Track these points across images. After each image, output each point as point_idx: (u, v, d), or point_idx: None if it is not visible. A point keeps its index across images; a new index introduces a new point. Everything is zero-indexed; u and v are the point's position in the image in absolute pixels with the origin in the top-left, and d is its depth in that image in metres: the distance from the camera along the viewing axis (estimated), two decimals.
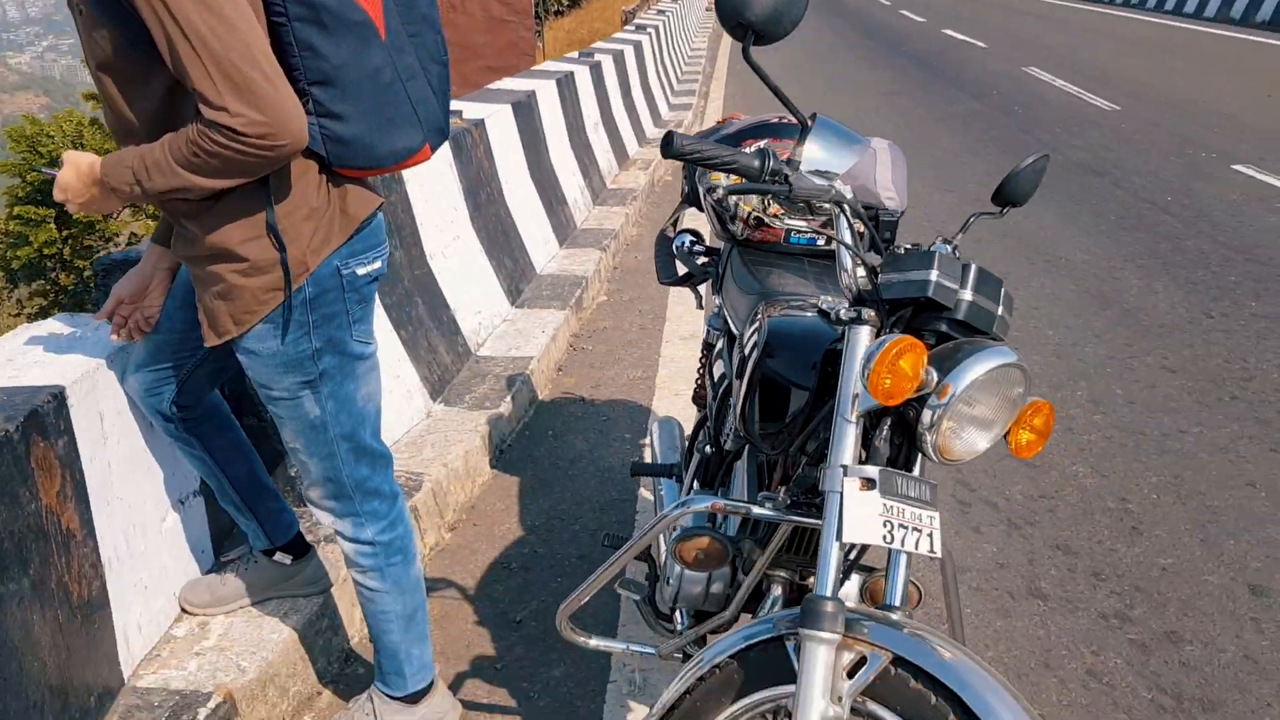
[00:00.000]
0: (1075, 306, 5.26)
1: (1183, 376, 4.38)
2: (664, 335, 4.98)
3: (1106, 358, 4.60)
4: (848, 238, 1.70)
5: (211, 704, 2.24)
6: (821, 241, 2.46)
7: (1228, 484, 3.49)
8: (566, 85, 7.26)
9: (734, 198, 2.55)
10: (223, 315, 1.88)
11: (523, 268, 5.27)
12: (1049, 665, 2.62)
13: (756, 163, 1.61)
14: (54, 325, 2.39)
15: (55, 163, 1.86)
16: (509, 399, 3.94)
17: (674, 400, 4.18)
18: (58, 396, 2.06)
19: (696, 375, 2.85)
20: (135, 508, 2.36)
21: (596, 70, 8.43)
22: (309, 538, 2.66)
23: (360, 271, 1.97)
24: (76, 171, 1.78)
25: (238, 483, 2.42)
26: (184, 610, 2.52)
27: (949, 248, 1.81)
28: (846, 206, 1.71)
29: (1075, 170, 8.45)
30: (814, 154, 2.36)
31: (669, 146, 1.56)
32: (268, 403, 2.03)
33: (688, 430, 2.86)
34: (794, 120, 2.58)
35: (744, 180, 1.63)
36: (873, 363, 1.49)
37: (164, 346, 2.17)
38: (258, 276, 1.85)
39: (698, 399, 2.85)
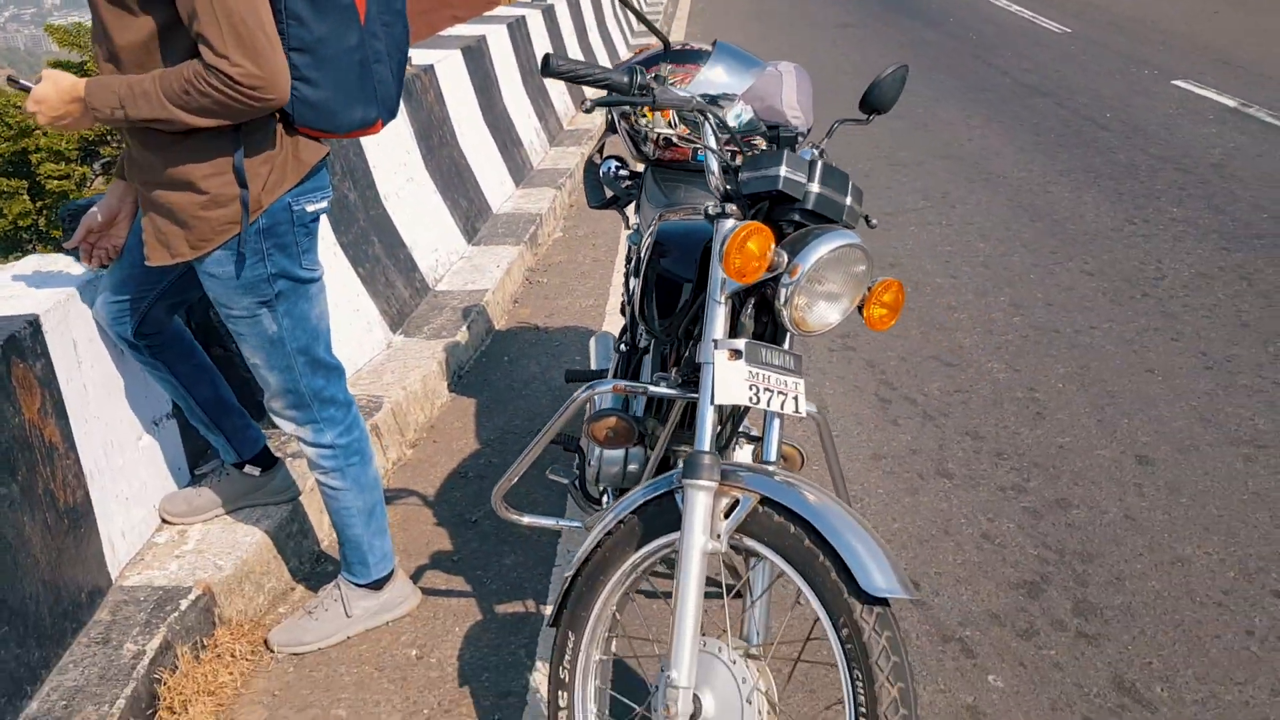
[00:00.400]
0: (1007, 219, 5.52)
1: (1100, 279, 4.65)
2: (616, 265, 5.22)
3: (1031, 265, 4.87)
4: (712, 143, 1.95)
5: (192, 596, 2.50)
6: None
7: (1129, 371, 3.78)
8: (518, 29, 7.41)
9: (644, 121, 2.79)
10: (178, 240, 2.11)
11: (478, 207, 5.48)
12: (948, 532, 2.91)
13: (625, 79, 1.84)
14: (28, 264, 2.62)
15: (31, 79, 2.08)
16: (465, 329, 4.19)
17: (622, 323, 4.43)
18: (33, 323, 2.31)
19: (622, 288, 3.11)
20: (112, 426, 2.61)
21: (549, 13, 8.57)
22: (276, 452, 2.91)
23: (309, 209, 2.23)
24: (56, 87, 2.00)
25: (204, 402, 2.67)
26: (164, 520, 2.78)
27: (815, 152, 2.06)
28: (710, 115, 1.95)
29: (1022, 92, 8.66)
30: (717, 77, 2.61)
31: (546, 67, 1.80)
32: (229, 321, 2.27)
33: None
34: (694, 47, 2.83)
35: (614, 93, 1.86)
36: (725, 246, 1.74)
37: (128, 279, 2.41)
38: (215, 210, 2.09)
39: (623, 310, 3.10)
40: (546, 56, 1.81)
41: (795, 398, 1.90)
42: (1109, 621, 2.53)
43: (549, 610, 2.68)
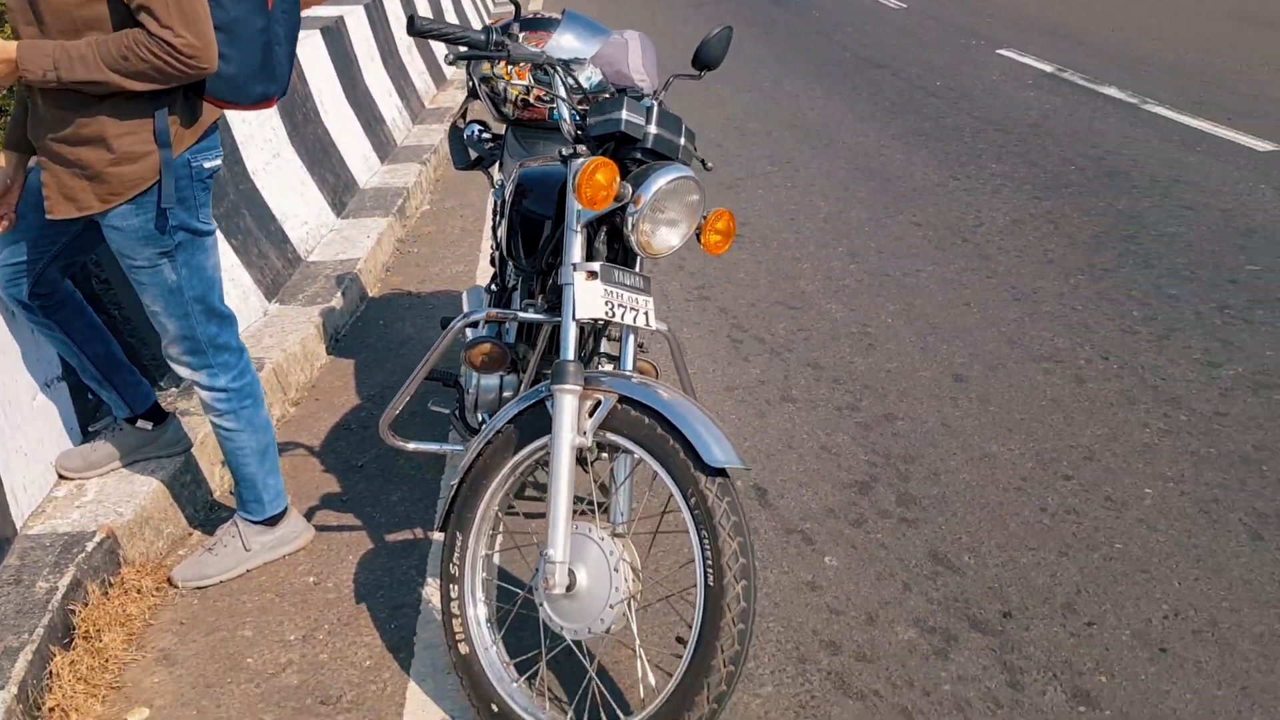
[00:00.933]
0: (845, 180, 5.97)
1: (926, 228, 5.12)
2: (484, 234, 5.45)
3: (866, 219, 5.31)
4: (562, 93, 2.23)
5: (97, 539, 2.66)
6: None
7: (948, 306, 4.24)
8: (375, 10, 7.53)
9: (503, 84, 3.05)
10: (86, 194, 2.28)
11: (345, 182, 5.63)
12: (791, 446, 3.27)
13: (482, 37, 2.11)
14: None
15: None
16: (340, 295, 4.37)
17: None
18: None
19: (490, 241, 3.37)
20: (7, 386, 2.74)
21: None
22: (166, 408, 3.07)
23: (206, 165, 2.45)
24: None
25: (96, 359, 2.82)
26: (61, 476, 2.92)
27: (653, 102, 2.36)
28: (559, 68, 2.23)
29: (861, 65, 9.19)
30: (567, 43, 2.90)
31: (411, 26, 2.05)
32: (130, 272, 2.45)
33: None
34: (546, 15, 3.10)
35: (472, 49, 2.12)
36: (577, 179, 2.03)
37: (22, 243, 2.55)
38: (125, 165, 2.27)
39: (492, 261, 3.36)
40: (411, 16, 2.06)
41: (646, 313, 2.21)
42: (926, 509, 2.93)
43: (437, 534, 2.93)
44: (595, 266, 2.14)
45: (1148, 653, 2.38)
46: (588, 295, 2.13)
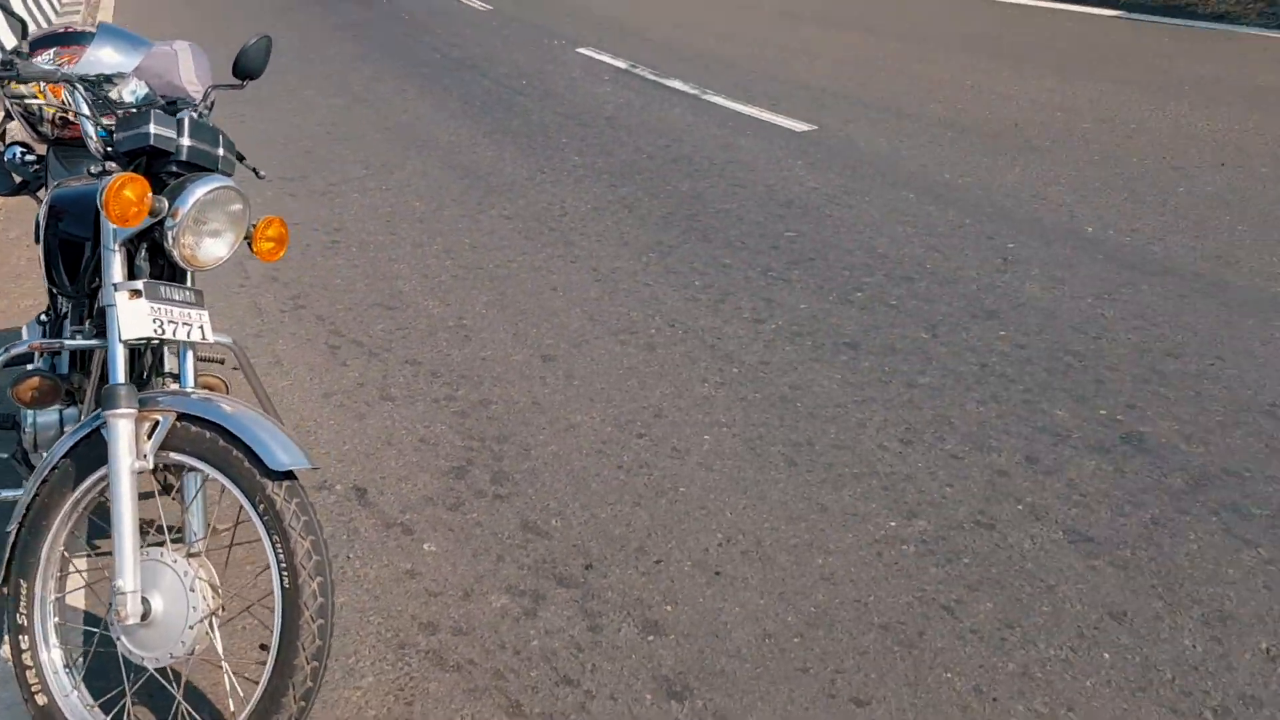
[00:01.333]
0: (440, 179, 6.11)
1: (516, 220, 5.37)
2: None
3: (460, 216, 5.48)
4: (85, 110, 2.18)
5: None
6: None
7: (537, 292, 4.49)
8: None
9: (35, 103, 2.88)
10: None
11: None
12: (390, 443, 3.37)
13: None
14: None
15: None
16: None
17: None
18: None
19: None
20: None
21: None
22: None
23: None
24: None
25: None
26: None
27: (193, 114, 2.35)
28: (78, 85, 2.17)
29: (451, 66, 9.36)
30: (106, 56, 2.80)
31: None
32: None
33: None
34: (79, 29, 2.97)
35: None
36: (104, 196, 2.00)
37: None
38: None
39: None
40: None
41: (201, 327, 2.22)
42: (518, 483, 3.13)
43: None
44: (139, 285, 2.12)
45: (705, 578, 2.71)
46: (132, 315, 2.10)
